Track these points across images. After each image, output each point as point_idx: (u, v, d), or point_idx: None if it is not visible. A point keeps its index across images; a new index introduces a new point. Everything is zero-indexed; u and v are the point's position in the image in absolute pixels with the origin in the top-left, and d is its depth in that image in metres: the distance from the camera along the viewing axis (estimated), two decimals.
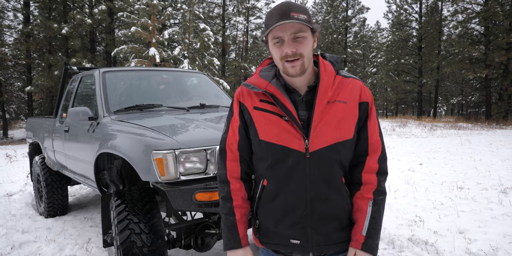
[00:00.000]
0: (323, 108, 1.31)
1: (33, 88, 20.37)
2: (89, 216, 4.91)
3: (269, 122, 1.34)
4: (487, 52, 24.80)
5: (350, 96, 1.35)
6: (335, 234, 1.37)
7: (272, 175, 1.36)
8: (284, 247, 1.39)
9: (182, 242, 2.78)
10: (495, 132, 16.26)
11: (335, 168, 1.33)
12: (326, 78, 1.34)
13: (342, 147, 1.32)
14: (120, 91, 3.71)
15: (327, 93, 1.32)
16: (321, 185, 1.32)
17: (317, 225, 1.34)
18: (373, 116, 1.40)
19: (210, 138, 2.41)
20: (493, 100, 26.60)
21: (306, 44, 1.28)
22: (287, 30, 1.25)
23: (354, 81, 1.39)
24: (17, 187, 6.76)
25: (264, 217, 1.41)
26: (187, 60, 15.97)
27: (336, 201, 1.35)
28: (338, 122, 1.31)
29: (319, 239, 1.35)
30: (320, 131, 1.30)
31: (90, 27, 20.66)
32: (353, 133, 1.34)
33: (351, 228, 1.39)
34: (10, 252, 3.69)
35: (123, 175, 3.10)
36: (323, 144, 1.30)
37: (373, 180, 1.37)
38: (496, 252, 3.29)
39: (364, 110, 1.37)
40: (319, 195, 1.32)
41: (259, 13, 29.72)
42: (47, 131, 4.77)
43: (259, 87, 1.37)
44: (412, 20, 34.45)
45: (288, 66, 1.29)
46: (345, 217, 1.39)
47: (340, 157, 1.33)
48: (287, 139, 1.31)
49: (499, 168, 7.18)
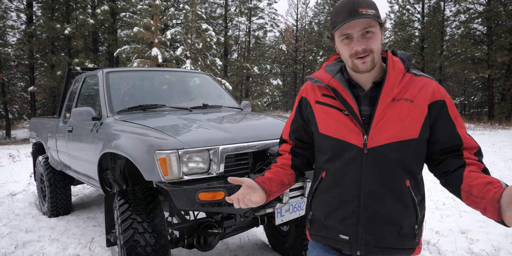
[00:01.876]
0: (387, 105, 1.28)
1: (36, 88, 20.42)
2: (92, 216, 4.94)
3: (329, 116, 1.36)
4: (490, 52, 24.71)
5: (418, 94, 1.29)
6: (388, 238, 1.31)
7: (330, 168, 1.37)
8: (333, 241, 1.39)
9: (185, 241, 2.79)
10: (498, 132, 16.21)
11: (395, 168, 1.28)
12: (394, 74, 1.31)
13: (404, 146, 1.27)
14: (123, 91, 3.73)
15: (393, 90, 1.29)
16: (376, 183, 1.29)
17: (368, 224, 1.30)
18: (457, 115, 1.31)
19: (213, 138, 2.43)
20: (496, 100, 26.49)
21: (376, 39, 1.27)
22: (356, 27, 1.24)
23: (425, 79, 1.33)
24: (21, 186, 6.79)
25: (318, 209, 1.43)
26: (190, 60, 15.99)
27: (391, 204, 1.29)
28: (402, 120, 1.26)
29: (368, 238, 1.31)
30: (381, 127, 1.27)
31: (92, 27, 20.69)
32: (419, 133, 1.27)
33: (411, 237, 1.33)
34: (14, 251, 3.71)
35: (126, 175, 3.12)
36: (383, 141, 1.26)
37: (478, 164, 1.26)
38: (498, 252, 3.30)
39: (440, 109, 1.29)
40: (373, 193, 1.29)
41: (261, 13, 29.68)
42: (51, 131, 4.80)
43: (322, 81, 1.39)
44: (414, 20, 34.35)
45: (359, 63, 1.27)
46: (405, 224, 1.31)
47: (402, 157, 1.28)
48: (345, 133, 1.31)
49: (502, 168, 7.17)
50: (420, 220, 1.35)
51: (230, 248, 3.75)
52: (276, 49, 37.70)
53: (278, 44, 34.84)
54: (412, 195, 1.31)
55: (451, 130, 1.29)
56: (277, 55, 38.02)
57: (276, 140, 2.61)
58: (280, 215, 2.61)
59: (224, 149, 2.36)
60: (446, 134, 1.30)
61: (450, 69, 27.87)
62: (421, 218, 1.36)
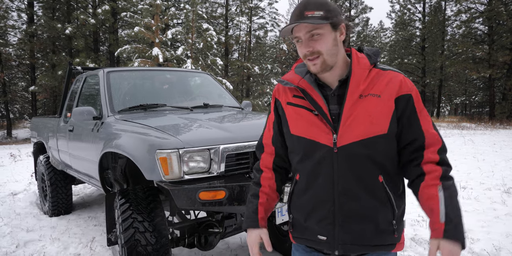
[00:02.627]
0: (354, 102, 1.28)
1: (37, 88, 20.45)
2: (93, 215, 4.94)
3: (300, 116, 1.37)
4: (491, 52, 24.68)
5: (385, 89, 1.28)
6: (366, 235, 1.31)
7: (302, 169, 1.38)
8: (313, 242, 1.39)
9: (186, 240, 2.80)
10: (499, 132, 16.19)
11: (366, 165, 1.28)
12: (359, 71, 1.30)
13: (373, 142, 1.27)
14: (124, 91, 3.74)
15: (359, 86, 1.28)
16: (349, 181, 1.29)
17: (345, 222, 1.31)
18: (423, 108, 1.32)
19: (214, 137, 2.43)
20: (497, 100, 26.45)
21: (323, 41, 1.27)
22: (302, 30, 1.27)
23: (392, 73, 1.32)
24: (22, 186, 6.80)
25: (296, 211, 1.44)
26: (190, 60, 15.99)
27: (366, 200, 1.30)
28: (370, 116, 1.26)
29: (345, 237, 1.32)
30: (349, 125, 1.27)
31: (93, 27, 20.71)
32: (388, 128, 1.27)
33: (390, 233, 1.33)
34: (15, 251, 3.72)
35: (127, 174, 3.13)
36: (352, 139, 1.27)
37: (435, 169, 1.27)
38: (499, 252, 3.29)
39: (406, 103, 1.29)
40: (347, 191, 1.29)
41: (262, 13, 29.67)
42: (52, 130, 4.80)
43: (292, 82, 1.40)
44: (415, 20, 34.32)
45: (310, 64, 1.31)
46: (382, 220, 1.31)
47: (372, 153, 1.28)
48: (315, 133, 1.32)
49: (503, 168, 7.16)
50: (398, 215, 1.34)
51: (231, 247, 3.75)
52: (277, 48, 37.65)
53: (279, 44, 34.79)
54: (386, 190, 1.31)
55: (415, 124, 1.30)
56: (278, 54, 37.98)
57: None
58: (281, 215, 2.61)
59: (225, 149, 2.36)
60: (410, 128, 1.30)
61: (451, 68, 27.85)
62: (400, 213, 1.36)
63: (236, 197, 2.23)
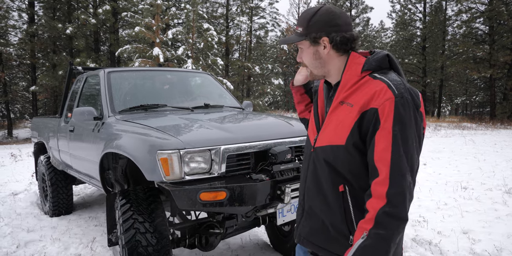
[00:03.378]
0: (334, 108, 1.32)
1: (37, 87, 20.44)
2: (94, 215, 4.94)
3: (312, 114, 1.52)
4: (492, 52, 24.66)
5: (360, 99, 1.21)
6: (317, 236, 1.37)
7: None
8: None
9: (187, 241, 2.79)
10: (500, 132, 16.18)
11: (326, 171, 1.30)
12: (346, 77, 1.31)
13: (333, 151, 1.27)
14: (125, 91, 3.73)
15: (342, 93, 1.30)
16: (311, 181, 1.39)
17: (306, 217, 1.43)
18: (387, 126, 1.13)
19: (215, 138, 2.42)
20: (498, 100, 26.43)
21: (304, 55, 1.38)
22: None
23: (376, 83, 1.21)
24: (22, 186, 6.80)
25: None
26: (191, 60, 15.98)
27: (319, 203, 1.35)
28: (336, 124, 1.27)
29: (303, 230, 1.44)
30: (324, 129, 1.34)
31: (94, 27, 20.70)
32: (345, 140, 1.21)
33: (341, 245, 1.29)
34: (15, 251, 3.72)
35: (128, 175, 3.12)
36: (322, 143, 1.33)
37: (372, 207, 1.14)
38: (500, 252, 3.29)
39: (370, 118, 1.16)
40: (308, 190, 1.41)
41: (262, 13, 29.67)
42: (52, 130, 4.80)
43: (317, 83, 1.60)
44: (416, 20, 34.29)
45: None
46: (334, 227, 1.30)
47: (332, 162, 1.27)
48: (309, 132, 1.47)
49: (504, 169, 7.15)
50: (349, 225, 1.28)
51: (232, 248, 3.75)
52: (278, 48, 37.67)
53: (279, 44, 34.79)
54: (346, 201, 1.26)
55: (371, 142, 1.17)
56: (279, 54, 38.00)
57: (278, 140, 2.61)
58: (282, 215, 2.60)
59: (226, 149, 2.36)
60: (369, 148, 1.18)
61: (451, 68, 27.84)
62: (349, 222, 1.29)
63: (236, 198, 2.23)
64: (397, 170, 1.12)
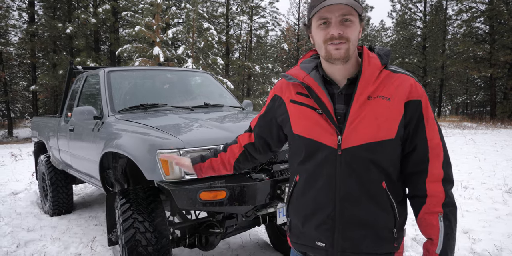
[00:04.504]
0: (362, 103, 1.20)
1: (37, 87, 20.46)
2: (94, 215, 4.94)
3: (303, 115, 1.30)
4: (492, 51, 24.64)
5: (395, 92, 1.21)
6: (366, 243, 1.24)
7: (303, 170, 1.31)
8: (311, 249, 1.32)
9: (187, 241, 2.79)
10: (500, 131, 16.17)
11: (370, 170, 1.21)
12: (369, 71, 1.23)
13: (380, 147, 1.20)
14: (125, 90, 3.73)
15: (368, 87, 1.22)
16: (352, 185, 1.22)
17: (345, 229, 1.23)
18: (430, 116, 1.24)
19: (215, 137, 2.42)
20: (498, 100, 26.42)
21: (354, 29, 1.21)
22: (335, 12, 1.17)
23: (403, 76, 1.25)
24: (22, 185, 6.80)
25: (294, 215, 1.37)
26: (191, 59, 15.99)
27: (368, 206, 1.22)
28: (378, 119, 1.19)
29: (345, 244, 1.24)
30: (355, 127, 1.20)
31: (94, 26, 20.70)
32: (395, 134, 1.20)
33: (390, 242, 1.26)
34: (15, 250, 3.72)
35: (127, 174, 3.12)
36: (358, 142, 1.19)
37: (439, 191, 1.23)
38: (500, 252, 3.28)
39: (415, 109, 1.22)
40: (349, 196, 1.22)
41: (263, 12, 29.65)
42: (52, 130, 4.80)
43: (296, 78, 1.32)
44: (416, 19, 34.27)
45: (332, 49, 1.20)
46: (383, 228, 1.25)
47: (378, 159, 1.21)
48: (318, 133, 1.24)
49: (504, 168, 7.14)
50: (399, 224, 1.28)
51: (232, 247, 3.75)
52: (278, 48, 37.63)
53: (279, 43, 34.80)
54: (389, 197, 1.24)
55: (421, 133, 1.24)
56: (279, 54, 37.96)
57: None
58: (282, 215, 2.60)
59: None
60: (415, 137, 1.24)
61: (452, 68, 27.82)
62: (401, 222, 1.30)
63: (236, 197, 2.22)
64: (447, 154, 1.28)
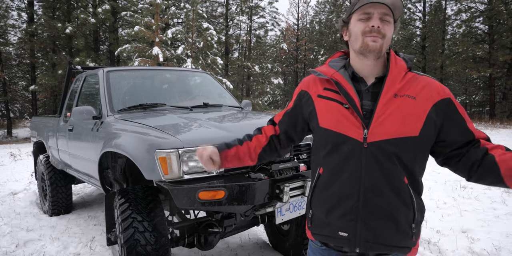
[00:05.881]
0: (388, 100, 1.28)
1: (37, 87, 20.43)
2: (93, 215, 4.94)
3: (330, 109, 1.36)
4: (491, 51, 24.64)
5: (421, 92, 1.29)
6: (387, 234, 1.30)
7: (328, 163, 1.36)
8: (333, 239, 1.37)
9: (185, 240, 2.79)
10: (499, 131, 16.17)
11: (394, 164, 1.27)
12: (396, 70, 1.32)
13: (403, 143, 1.26)
14: (124, 90, 3.73)
15: (395, 85, 1.29)
16: (377, 177, 1.27)
17: (368, 219, 1.29)
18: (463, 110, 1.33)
19: (214, 137, 2.42)
20: (497, 99, 26.42)
21: (390, 29, 1.31)
22: (378, 9, 1.28)
23: (427, 78, 1.34)
24: (22, 185, 6.80)
25: (317, 207, 1.42)
26: (190, 59, 15.99)
27: (391, 199, 1.28)
28: (404, 117, 1.26)
29: (368, 234, 1.29)
30: (382, 123, 1.26)
31: (93, 26, 20.69)
32: (419, 132, 1.26)
33: (408, 236, 1.32)
34: (14, 250, 3.72)
35: (126, 174, 3.12)
36: (384, 137, 1.25)
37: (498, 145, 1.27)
38: (499, 251, 3.29)
39: (447, 107, 1.30)
40: (374, 187, 1.27)
41: (262, 12, 29.63)
42: (52, 130, 4.80)
43: (325, 74, 1.40)
44: (415, 19, 34.26)
45: (369, 40, 1.29)
46: (403, 221, 1.30)
47: (401, 154, 1.27)
48: (345, 127, 1.30)
49: None
50: (418, 220, 1.33)
51: (231, 247, 3.75)
52: (277, 48, 37.63)
53: (279, 43, 34.76)
54: (410, 192, 1.29)
55: (463, 126, 1.30)
56: (278, 54, 38.00)
57: None
58: (281, 214, 2.60)
59: None
60: (459, 131, 1.30)
61: (451, 68, 27.80)
62: (419, 218, 1.34)
63: (235, 197, 2.23)
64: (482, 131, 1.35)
